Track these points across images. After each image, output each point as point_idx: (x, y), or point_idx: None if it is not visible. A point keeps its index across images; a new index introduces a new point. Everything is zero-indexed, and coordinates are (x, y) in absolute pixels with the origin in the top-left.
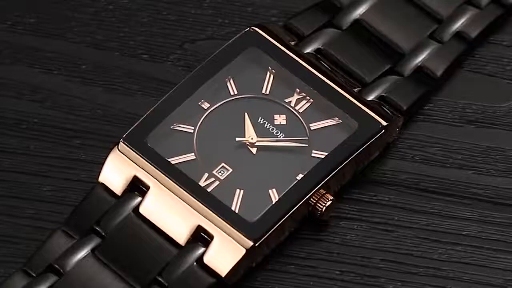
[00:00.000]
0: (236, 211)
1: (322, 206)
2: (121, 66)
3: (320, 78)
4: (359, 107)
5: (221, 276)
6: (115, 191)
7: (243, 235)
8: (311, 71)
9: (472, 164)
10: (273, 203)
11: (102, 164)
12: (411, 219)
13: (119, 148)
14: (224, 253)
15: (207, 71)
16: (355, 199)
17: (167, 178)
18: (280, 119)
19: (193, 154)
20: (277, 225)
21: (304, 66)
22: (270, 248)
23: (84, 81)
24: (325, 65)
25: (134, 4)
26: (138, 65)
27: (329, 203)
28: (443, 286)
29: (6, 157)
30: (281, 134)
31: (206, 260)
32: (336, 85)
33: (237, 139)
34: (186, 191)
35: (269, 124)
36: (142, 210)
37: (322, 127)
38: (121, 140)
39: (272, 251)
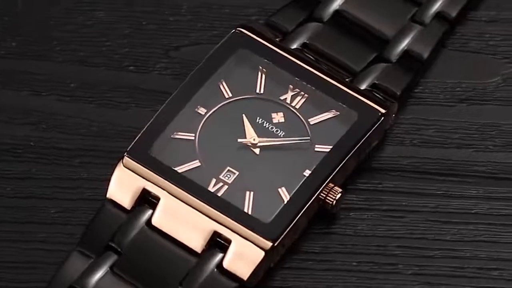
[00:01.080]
0: (250, 213)
1: (332, 200)
2: (109, 80)
3: (312, 72)
4: (355, 97)
5: (243, 280)
6: (125, 206)
7: (261, 237)
8: (302, 66)
9: (470, 142)
10: (286, 202)
11: (107, 180)
12: (419, 203)
13: (124, 162)
14: (244, 256)
15: (200, 77)
16: (361, 188)
17: (177, 187)
18: (278, 117)
19: (197, 161)
20: (292, 224)
21: (295, 62)
22: (286, 247)
23: (75, 99)
24: (314, 58)
25: (112, 17)
26: (126, 78)
27: (338, 195)
28: (460, 266)
29: (8, 183)
30: (282, 132)
31: (226, 265)
32: (329, 77)
33: (239, 140)
34: (197, 198)
35: (268, 124)
36: (154, 222)
37: (321, 121)
38: (125, 154)
39: (287, 249)
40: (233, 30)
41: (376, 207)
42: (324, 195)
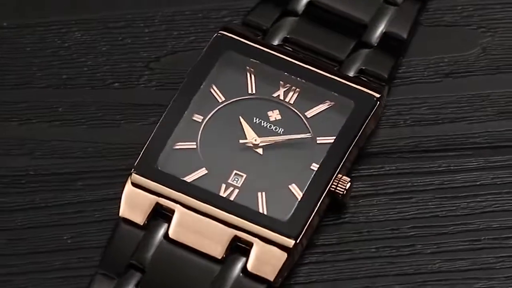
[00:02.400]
0: (266, 214)
1: (343, 190)
2: (96, 99)
3: (300, 65)
4: (348, 85)
5: (270, 281)
6: (139, 223)
7: (283, 235)
8: (289, 60)
9: (462, 115)
10: (300, 198)
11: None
12: (424, 181)
13: (132, 179)
14: (268, 258)
15: (191, 85)
16: (365, 175)
17: (189, 198)
18: (275, 115)
19: (203, 168)
20: (310, 219)
21: (281, 57)
22: (306, 243)
23: (65, 123)
24: (298, 51)
25: (88, 36)
26: (112, 95)
27: (348, 185)
28: (477, 239)
29: (16, 215)
30: (280, 129)
31: (251, 268)
32: (318, 68)
33: (241, 142)
34: (211, 206)
35: (265, 122)
36: (171, 235)
37: (318, 113)
38: (133, 171)
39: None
40: (215, 34)
41: (383, 191)
42: (335, 186)
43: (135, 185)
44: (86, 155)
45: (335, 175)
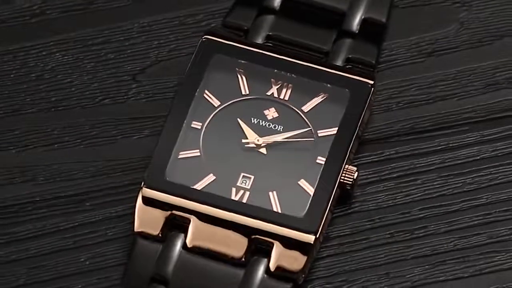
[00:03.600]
0: (281, 212)
1: (351, 179)
2: (89, 118)
3: (289, 61)
4: (340, 75)
5: (294, 279)
6: (156, 236)
7: (302, 232)
8: (277, 57)
9: (452, 91)
10: (313, 193)
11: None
12: (426, 162)
13: (143, 193)
14: (290, 256)
15: (186, 94)
16: (367, 162)
17: (203, 205)
18: (271, 113)
19: (211, 174)
20: (326, 213)
21: (269, 55)
22: (321, 238)
23: (62, 145)
24: (284, 47)
25: (70, 56)
26: (104, 111)
27: (356, 174)
28: (488, 213)
29: (30, 243)
30: (280, 126)
31: (274, 268)
32: (307, 62)
33: (244, 144)
34: (226, 210)
35: (264, 122)
36: (190, 244)
37: (314, 106)
38: (143, 185)
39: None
40: (201, 39)
41: (387, 177)
42: (343, 177)
43: (146, 199)
44: (88, 175)
45: (343, 166)
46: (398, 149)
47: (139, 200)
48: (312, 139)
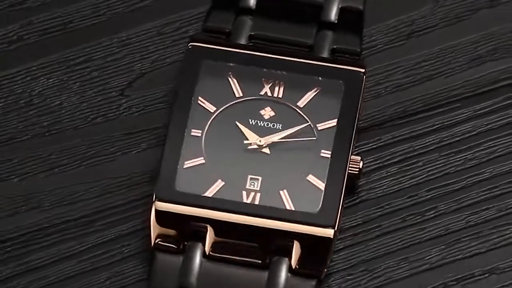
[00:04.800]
0: (295, 210)
1: (357, 169)
2: (84, 138)
3: (277, 58)
4: (331, 66)
5: (317, 275)
6: (174, 249)
7: (321, 227)
8: (265, 56)
9: (437, 70)
10: (324, 187)
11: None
12: (424, 142)
13: (156, 207)
14: (312, 253)
15: (182, 103)
16: (366, 150)
17: (217, 212)
18: (268, 112)
19: (219, 180)
20: (340, 205)
21: (257, 55)
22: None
23: (62, 169)
24: (268, 46)
25: (55, 78)
26: (98, 130)
27: (361, 163)
28: (494, 186)
29: (48, 270)
30: (278, 125)
31: (297, 266)
32: (295, 57)
33: (246, 146)
34: (241, 214)
35: (261, 122)
36: (210, 252)
37: (310, 100)
38: (155, 199)
39: None
40: (187, 47)
41: (389, 162)
42: (350, 168)
43: (159, 212)
44: (93, 195)
45: (349, 155)
46: (394, 133)
47: (153, 214)
48: (313, 133)
